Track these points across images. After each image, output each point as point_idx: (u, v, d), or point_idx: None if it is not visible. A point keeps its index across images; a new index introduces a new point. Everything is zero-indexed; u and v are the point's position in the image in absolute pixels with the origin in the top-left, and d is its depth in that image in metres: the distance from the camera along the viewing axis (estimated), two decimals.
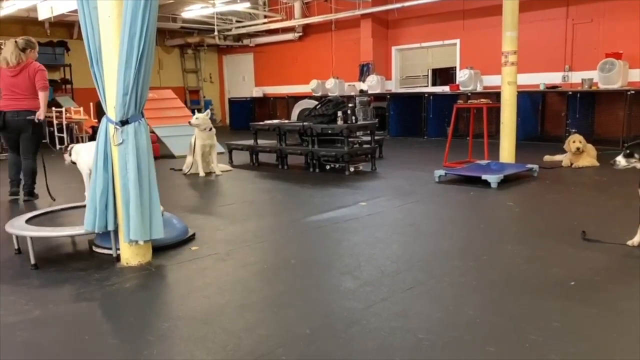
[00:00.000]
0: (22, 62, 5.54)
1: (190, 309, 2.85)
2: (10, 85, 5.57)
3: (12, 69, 5.53)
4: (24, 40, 5.59)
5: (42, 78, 5.59)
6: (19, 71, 5.53)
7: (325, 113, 7.51)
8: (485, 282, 3.16)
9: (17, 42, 5.54)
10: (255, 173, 7.65)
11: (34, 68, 5.57)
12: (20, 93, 5.56)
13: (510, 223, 4.71)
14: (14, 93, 5.57)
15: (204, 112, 7.60)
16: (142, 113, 3.49)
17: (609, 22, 9.84)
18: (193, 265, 3.57)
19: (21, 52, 5.53)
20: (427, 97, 11.68)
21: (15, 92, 5.56)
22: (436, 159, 7.87)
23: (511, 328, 2.53)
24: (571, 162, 7.19)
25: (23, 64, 5.54)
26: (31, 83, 5.56)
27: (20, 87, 5.55)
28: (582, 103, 9.69)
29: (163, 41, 16.42)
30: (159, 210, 3.55)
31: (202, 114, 7.48)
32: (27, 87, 5.57)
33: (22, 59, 5.53)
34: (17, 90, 5.56)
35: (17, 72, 5.53)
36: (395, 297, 2.92)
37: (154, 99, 10.77)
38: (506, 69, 6.96)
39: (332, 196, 5.81)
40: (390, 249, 3.85)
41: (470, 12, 11.60)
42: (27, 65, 5.56)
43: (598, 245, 3.72)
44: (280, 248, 4.03)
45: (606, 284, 3.05)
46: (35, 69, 5.57)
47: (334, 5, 13.34)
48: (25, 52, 5.56)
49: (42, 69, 5.63)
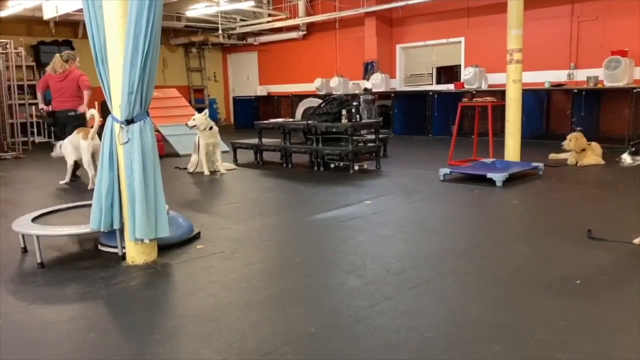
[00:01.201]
0: (66, 70, 6.99)
1: (196, 307, 2.86)
2: (59, 89, 7.04)
3: (59, 75, 7.01)
4: (66, 53, 7.18)
5: (84, 80, 7.01)
6: (64, 77, 7.01)
7: (330, 111, 7.51)
8: (491, 280, 3.15)
9: (61, 55, 7.10)
10: (259, 172, 7.66)
11: (76, 74, 7.02)
12: (66, 95, 7.02)
13: (515, 221, 4.70)
14: (61, 95, 7.03)
15: (204, 111, 7.60)
16: (147, 112, 3.50)
17: (615, 20, 9.79)
18: (198, 263, 3.58)
19: (65, 62, 7.02)
20: (432, 96, 11.66)
21: (62, 94, 7.03)
22: (441, 157, 7.85)
23: (517, 326, 2.52)
24: (576, 160, 7.16)
25: (67, 72, 7.00)
26: (74, 86, 7.01)
27: (66, 90, 7.02)
28: (588, 101, 9.64)
29: (167, 40, 16.44)
30: (165, 208, 3.56)
31: (199, 114, 7.49)
32: (71, 90, 7.02)
33: (65, 67, 7.00)
34: (64, 92, 7.02)
35: (62, 78, 7.01)
36: (400, 295, 2.92)
37: (158, 97, 10.79)
38: (511, 66, 6.93)
39: (337, 194, 5.81)
40: (395, 248, 3.85)
41: (474, 9, 11.56)
42: (70, 72, 7.01)
43: (603, 243, 3.71)
44: (284, 246, 4.04)
45: (612, 282, 3.04)
46: (78, 75, 7.03)
47: (338, 3, 13.32)
48: (68, 63, 7.04)
49: (83, 74, 7.05)
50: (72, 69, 7.05)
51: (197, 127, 7.28)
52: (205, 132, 7.29)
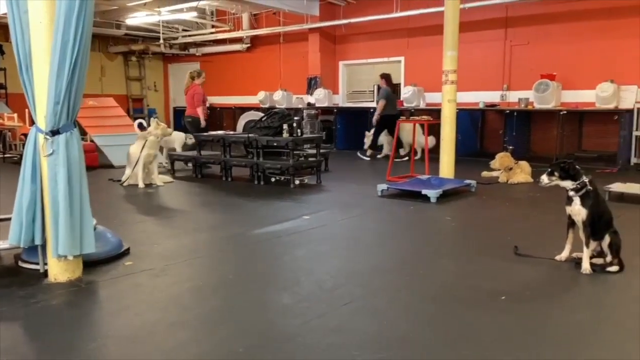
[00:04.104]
0: (188, 85, 9.09)
1: (121, 328, 2.74)
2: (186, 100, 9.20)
3: (185, 89, 9.22)
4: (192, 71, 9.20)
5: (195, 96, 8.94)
6: (186, 91, 9.15)
7: (271, 125, 7.48)
8: (421, 296, 3.21)
9: (190, 72, 9.20)
10: (198, 185, 7.51)
11: (193, 90, 8.97)
12: (187, 105, 9.10)
13: (447, 237, 4.82)
14: (187, 105, 9.13)
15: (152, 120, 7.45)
16: (74, 123, 3.36)
17: (544, 45, 10.34)
18: (126, 281, 3.45)
19: (191, 79, 9.10)
20: (373, 112, 11.85)
21: (187, 104, 9.12)
22: (380, 172, 7.99)
23: (444, 343, 2.57)
24: (507, 178, 7.47)
25: (189, 87, 9.08)
26: (190, 99, 8.99)
27: (187, 101, 9.11)
28: (519, 121, 10.10)
29: (106, 47, 15.96)
30: (91, 223, 3.42)
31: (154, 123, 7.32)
32: (188, 102, 9.04)
33: (188, 83, 9.13)
34: (187, 103, 9.12)
35: (186, 92, 9.18)
36: (332, 312, 2.92)
37: (94, 106, 10.46)
38: (446, 87, 7.17)
39: (276, 209, 5.78)
40: (331, 264, 3.86)
41: (414, 30, 11.91)
42: (190, 87, 9.05)
43: (529, 259, 3.86)
44: (218, 263, 3.96)
45: (535, 298, 3.16)
46: (193, 91, 8.95)
47: (282, 18, 13.39)
48: (193, 79, 9.06)
49: (197, 91, 8.94)
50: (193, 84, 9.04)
51: (163, 133, 7.24)
52: (155, 141, 7.12)
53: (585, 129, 9.98)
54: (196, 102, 8.89)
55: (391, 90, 10.49)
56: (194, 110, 8.94)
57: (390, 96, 10.42)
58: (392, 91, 10.52)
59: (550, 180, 3.72)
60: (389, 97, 10.36)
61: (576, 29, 9.94)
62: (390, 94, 10.41)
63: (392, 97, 10.51)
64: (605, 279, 3.49)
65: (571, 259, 3.76)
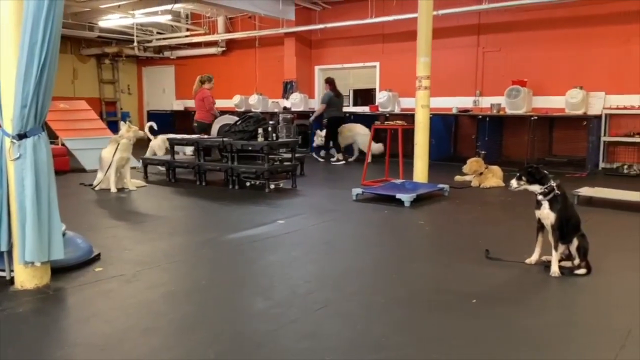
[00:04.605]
0: (197, 90, 9.33)
1: (89, 335, 2.69)
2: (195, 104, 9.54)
3: (195, 94, 9.41)
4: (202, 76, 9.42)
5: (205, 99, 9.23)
6: (195, 96, 9.39)
7: (246, 129, 7.44)
8: (394, 300, 3.22)
9: (200, 77, 9.41)
10: (171, 189, 7.43)
11: (202, 94, 9.26)
12: (197, 109, 9.40)
13: (420, 241, 4.87)
14: (196, 109, 9.45)
15: (126, 124, 7.36)
16: (42, 126, 3.29)
17: (516, 52, 10.54)
18: (96, 287, 3.38)
19: (200, 83, 9.35)
20: (349, 117, 11.91)
21: (196, 108, 9.45)
22: (355, 177, 8.01)
23: (416, 347, 2.59)
24: (479, 182, 7.58)
25: (197, 91, 9.33)
26: (200, 103, 9.30)
27: (196, 105, 9.45)
28: (491, 127, 10.27)
29: (78, 50, 15.71)
30: (60, 229, 3.35)
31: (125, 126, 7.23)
32: (197, 106, 9.39)
33: (196, 88, 9.37)
34: (196, 107, 9.46)
35: (195, 96, 9.41)
36: (305, 317, 2.92)
37: (65, 109, 10.28)
38: (420, 92, 7.24)
39: (251, 214, 5.76)
40: (305, 268, 3.86)
41: (389, 36, 12.02)
42: (199, 92, 9.30)
43: (500, 263, 3.92)
44: (191, 268, 3.92)
45: (504, 301, 3.21)
46: (202, 95, 9.25)
47: (258, 22, 13.37)
48: (202, 84, 9.33)
49: (205, 95, 9.21)
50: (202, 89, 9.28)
51: (136, 136, 7.15)
52: (129, 144, 7.02)
53: (556, 134, 10.20)
54: (207, 106, 9.23)
55: (334, 95, 10.72)
56: (203, 114, 9.25)
57: (333, 100, 10.66)
58: (335, 95, 10.75)
59: (518, 184, 3.79)
60: (331, 100, 10.61)
61: (546, 36, 10.16)
62: (332, 98, 10.66)
63: (336, 101, 10.75)
64: (574, 281, 3.56)
65: (541, 262, 3.83)
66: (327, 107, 10.56)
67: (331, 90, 10.71)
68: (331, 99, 10.60)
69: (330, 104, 10.56)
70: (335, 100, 10.71)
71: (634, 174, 8.75)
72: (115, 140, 7.10)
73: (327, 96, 10.64)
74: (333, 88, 10.75)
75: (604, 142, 9.58)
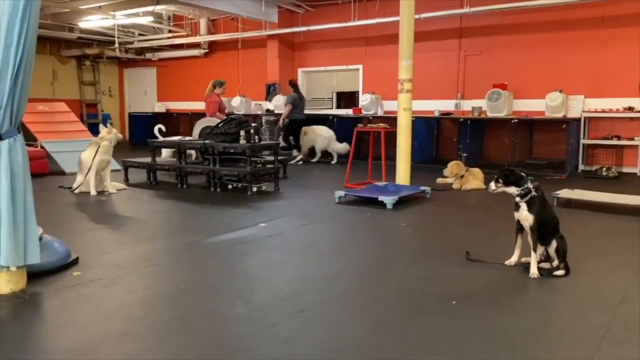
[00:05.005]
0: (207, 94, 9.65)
1: (66, 341, 2.65)
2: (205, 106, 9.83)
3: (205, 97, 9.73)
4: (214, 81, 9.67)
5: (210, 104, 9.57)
6: (205, 99, 9.70)
7: (228, 132, 7.40)
8: (375, 302, 3.23)
9: (213, 81, 9.65)
10: (152, 192, 7.36)
11: (209, 99, 9.58)
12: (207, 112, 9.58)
13: (402, 243, 4.88)
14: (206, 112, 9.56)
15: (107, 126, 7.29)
16: (18, 128, 3.24)
17: (496, 55, 10.66)
18: (73, 292, 3.33)
19: (213, 87, 9.60)
20: (332, 119, 11.94)
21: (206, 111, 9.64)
22: (338, 179, 8.03)
23: (396, 349, 2.59)
24: (461, 185, 7.64)
25: (208, 95, 9.63)
26: (207, 108, 9.60)
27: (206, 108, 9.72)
28: (473, 129, 10.36)
29: (58, 51, 15.50)
30: (36, 233, 3.30)
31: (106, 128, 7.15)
32: (207, 109, 9.62)
33: (209, 92, 9.62)
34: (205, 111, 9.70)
35: (205, 100, 9.72)
36: (285, 321, 2.90)
37: (44, 111, 10.13)
38: (402, 95, 7.28)
39: (232, 217, 5.73)
40: (286, 272, 3.84)
41: (371, 39, 12.08)
42: (209, 96, 9.59)
43: (480, 264, 3.95)
44: (171, 272, 3.88)
45: (484, 303, 3.23)
46: (209, 100, 9.57)
47: (240, 24, 13.33)
48: (213, 89, 9.60)
49: (213, 100, 9.53)
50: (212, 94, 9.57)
51: (117, 138, 7.11)
52: (109, 146, 6.94)
53: (536, 137, 10.33)
54: (211, 110, 9.46)
55: (297, 97, 10.87)
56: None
57: (296, 102, 10.79)
58: (298, 97, 10.91)
59: (496, 187, 3.83)
60: (295, 102, 10.75)
61: (527, 40, 10.30)
62: (296, 99, 10.81)
63: (299, 103, 10.88)
64: (552, 283, 3.60)
65: (520, 264, 3.87)
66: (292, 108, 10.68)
67: (294, 92, 10.87)
68: (295, 100, 10.76)
69: (294, 106, 10.71)
70: (299, 103, 10.87)
71: (612, 176, 8.89)
72: (96, 142, 7.01)
73: (290, 97, 10.81)
74: (296, 90, 10.94)
75: (583, 144, 9.73)
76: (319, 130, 11.09)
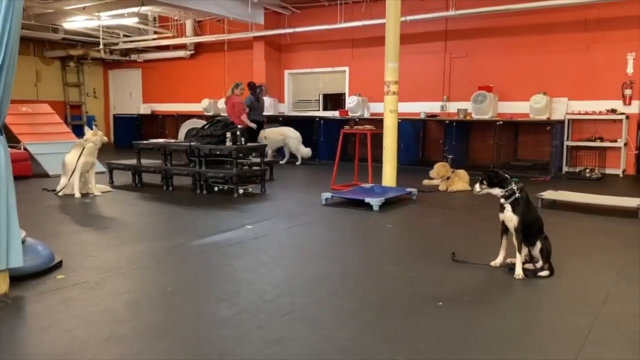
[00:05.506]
0: (229, 96, 10.12)
1: (48, 345, 2.61)
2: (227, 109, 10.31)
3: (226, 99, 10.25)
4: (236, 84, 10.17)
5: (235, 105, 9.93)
6: (227, 101, 10.19)
7: (214, 133, 7.37)
8: (362, 304, 3.23)
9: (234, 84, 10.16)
10: (137, 194, 7.30)
11: (232, 100, 9.98)
12: (229, 115, 9.64)
13: (388, 245, 4.90)
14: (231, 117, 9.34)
15: (91, 128, 7.23)
16: (1, 130, 3.19)
17: (482, 58, 10.75)
18: (57, 295, 3.29)
19: (233, 89, 10.10)
20: (319, 121, 11.94)
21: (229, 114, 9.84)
22: (325, 181, 8.03)
23: (383, 350, 2.60)
24: (446, 186, 7.68)
25: (229, 97, 10.11)
26: (231, 109, 9.97)
27: (228, 112, 10.10)
28: (458, 131, 10.44)
29: (42, 52, 15.34)
30: (19, 236, 3.25)
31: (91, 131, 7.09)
32: (229, 112, 9.98)
33: (229, 94, 10.15)
34: (228, 113, 9.98)
35: (227, 101, 10.22)
36: (272, 323, 2.89)
37: (27, 113, 10.01)
38: (388, 97, 7.30)
39: (218, 219, 5.70)
40: (273, 274, 3.83)
41: (358, 41, 12.11)
42: (230, 98, 10.05)
43: (466, 265, 3.97)
44: (156, 275, 3.85)
45: (469, 304, 3.25)
46: (233, 101, 9.97)
47: (226, 26, 13.30)
48: (233, 91, 10.07)
49: (236, 101, 9.94)
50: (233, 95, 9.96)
51: (102, 140, 7.05)
52: (94, 148, 6.88)
53: (521, 139, 10.44)
54: (237, 111, 9.78)
55: (255, 99, 10.86)
56: (238, 120, 9.51)
57: (254, 104, 10.79)
58: (256, 99, 10.89)
59: (481, 188, 3.86)
60: (252, 104, 10.74)
61: (512, 43, 10.41)
62: (253, 101, 10.79)
63: (256, 105, 10.87)
64: (537, 283, 3.64)
65: (505, 265, 3.90)
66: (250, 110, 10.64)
67: (252, 94, 10.85)
68: (252, 102, 10.74)
69: (252, 108, 10.68)
70: (256, 104, 10.87)
71: (595, 178, 9.01)
72: (80, 144, 6.94)
73: (248, 100, 10.75)
74: (254, 92, 10.91)
75: (567, 146, 9.85)
76: (288, 132, 11.13)
